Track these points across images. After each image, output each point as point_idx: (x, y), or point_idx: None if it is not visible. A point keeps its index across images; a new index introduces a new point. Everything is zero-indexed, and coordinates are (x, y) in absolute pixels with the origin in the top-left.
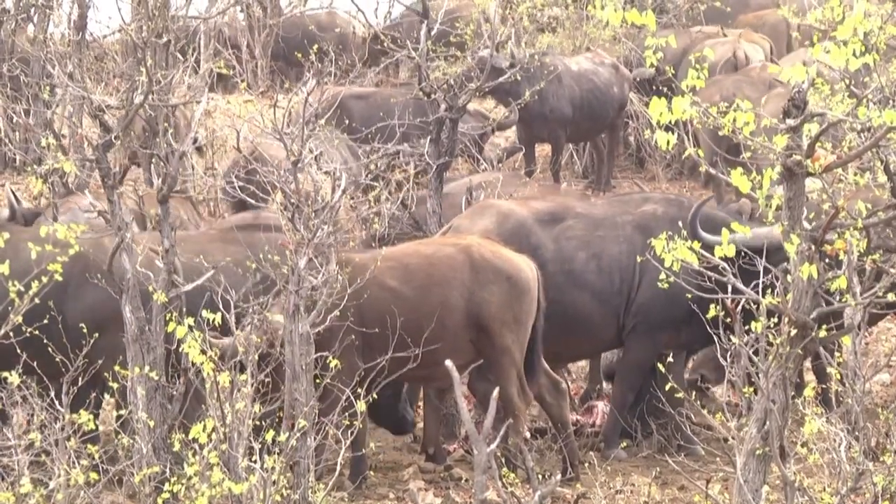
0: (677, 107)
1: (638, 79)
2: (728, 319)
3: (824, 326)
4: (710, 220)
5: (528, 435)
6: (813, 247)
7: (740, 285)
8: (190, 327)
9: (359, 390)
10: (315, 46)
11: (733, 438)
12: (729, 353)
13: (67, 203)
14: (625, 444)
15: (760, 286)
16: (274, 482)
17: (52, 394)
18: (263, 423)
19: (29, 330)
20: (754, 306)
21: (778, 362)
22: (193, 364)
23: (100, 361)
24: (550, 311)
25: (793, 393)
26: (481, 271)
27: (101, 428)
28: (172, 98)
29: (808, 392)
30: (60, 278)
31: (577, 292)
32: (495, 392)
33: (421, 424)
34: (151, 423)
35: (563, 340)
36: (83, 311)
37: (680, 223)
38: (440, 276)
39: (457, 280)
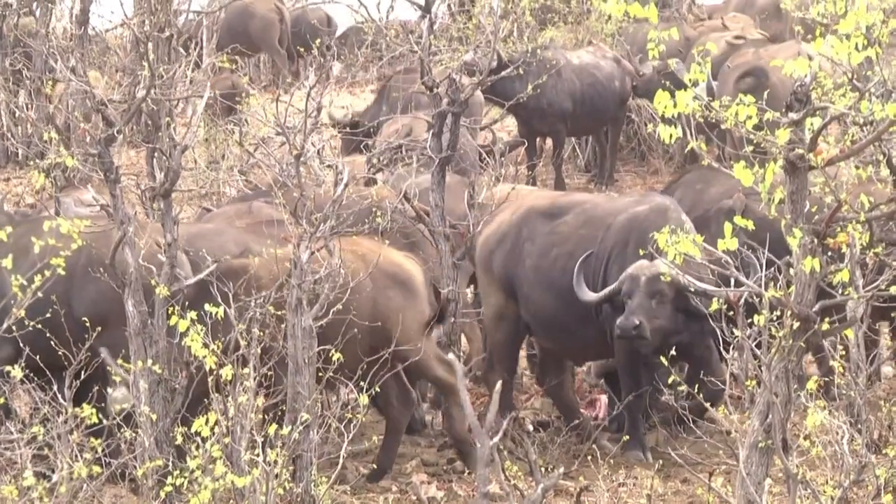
0: (681, 100)
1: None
2: (731, 312)
3: (826, 319)
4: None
5: (531, 428)
6: (815, 240)
7: (743, 278)
8: (192, 321)
9: (362, 384)
10: (318, 41)
11: (736, 431)
12: (732, 347)
13: (67, 196)
14: (626, 437)
15: (763, 279)
16: (276, 475)
17: (55, 387)
18: (266, 416)
19: (31, 323)
20: (757, 299)
21: (780, 355)
22: (196, 358)
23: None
24: (535, 310)
25: (795, 386)
26: (379, 277)
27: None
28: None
29: (811, 385)
30: (63, 272)
31: (543, 291)
32: (498, 385)
33: (425, 417)
34: (154, 417)
35: (553, 340)
36: (88, 304)
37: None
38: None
39: (360, 286)
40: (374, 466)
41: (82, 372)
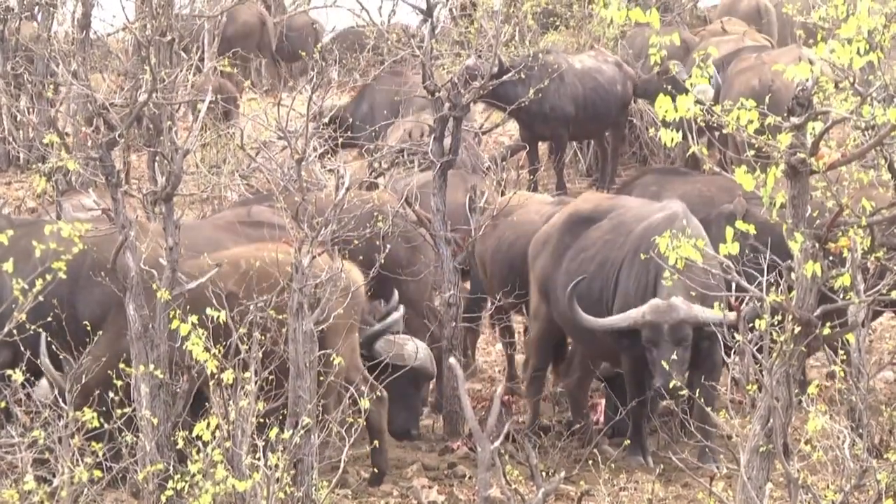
0: (681, 104)
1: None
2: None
3: (828, 324)
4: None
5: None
6: (817, 245)
7: (744, 283)
8: (193, 325)
9: (363, 388)
10: (318, 46)
11: (737, 436)
12: (733, 351)
13: (67, 201)
14: (627, 441)
15: (764, 284)
16: (277, 479)
17: (56, 391)
18: (267, 420)
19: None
20: (758, 304)
21: (782, 360)
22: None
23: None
24: (563, 313)
25: (796, 390)
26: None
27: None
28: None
29: (812, 389)
30: (64, 276)
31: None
32: (500, 389)
33: (426, 422)
34: (155, 421)
35: (579, 342)
36: (93, 307)
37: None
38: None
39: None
40: (375, 470)
41: (83, 375)
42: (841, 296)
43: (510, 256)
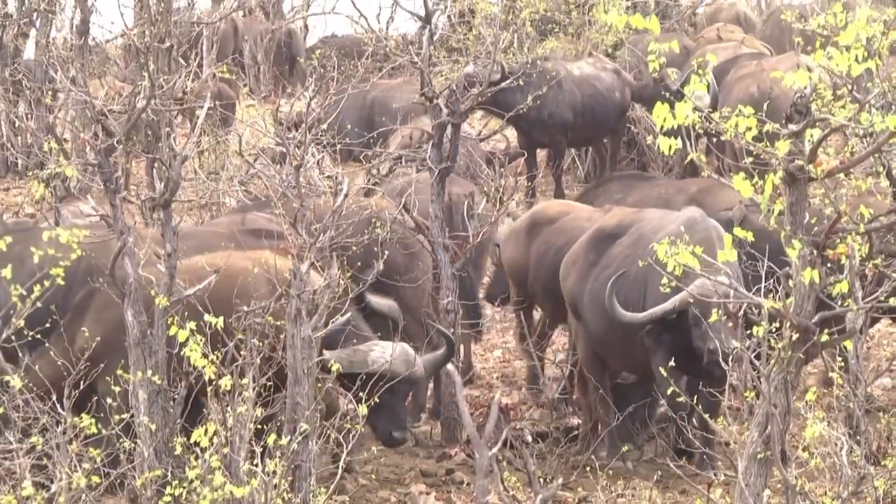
0: (680, 112)
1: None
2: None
3: (826, 331)
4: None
5: (529, 438)
6: (815, 251)
7: (742, 290)
8: (192, 331)
9: (361, 394)
10: (317, 52)
11: (735, 442)
12: (731, 358)
13: (64, 208)
14: (626, 448)
15: (762, 290)
16: (275, 486)
17: (54, 397)
18: (265, 426)
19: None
20: (756, 311)
21: (779, 366)
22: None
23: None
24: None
25: (794, 397)
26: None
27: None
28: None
29: (810, 396)
30: (62, 282)
31: (594, 312)
32: (497, 395)
33: (423, 428)
34: (153, 427)
35: (609, 357)
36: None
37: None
38: (241, 288)
39: (257, 294)
40: (373, 476)
41: (81, 382)
42: (839, 303)
43: (557, 261)
